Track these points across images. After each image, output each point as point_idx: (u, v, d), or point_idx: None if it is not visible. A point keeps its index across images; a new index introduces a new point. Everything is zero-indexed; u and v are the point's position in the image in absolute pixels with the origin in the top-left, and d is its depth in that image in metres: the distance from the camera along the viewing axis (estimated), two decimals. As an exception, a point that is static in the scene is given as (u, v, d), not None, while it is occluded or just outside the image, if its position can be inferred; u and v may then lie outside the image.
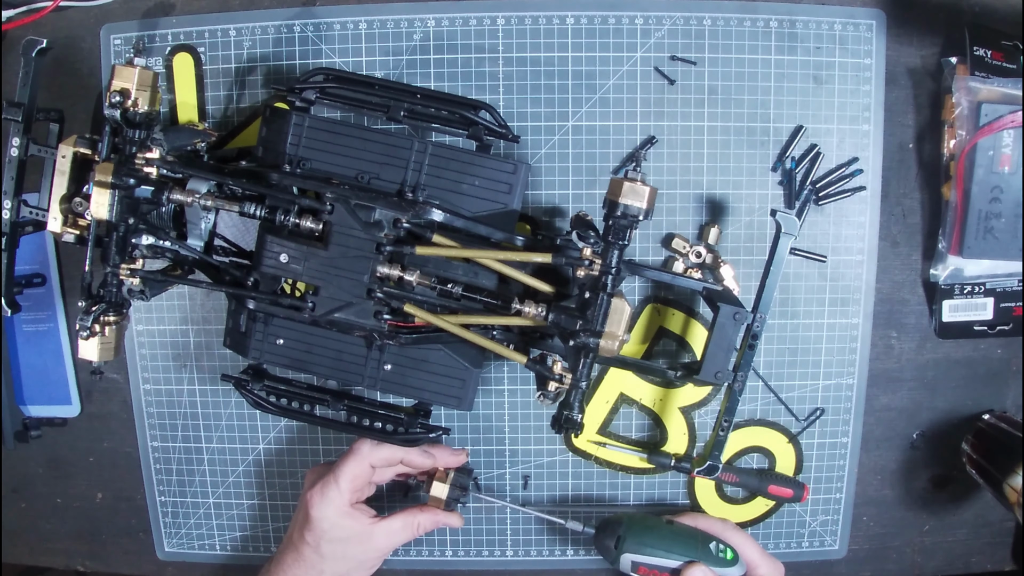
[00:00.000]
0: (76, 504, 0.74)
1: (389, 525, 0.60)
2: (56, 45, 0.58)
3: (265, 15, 0.64)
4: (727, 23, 0.63)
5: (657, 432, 0.67)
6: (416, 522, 0.61)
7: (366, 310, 0.54)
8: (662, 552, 0.59)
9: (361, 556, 0.60)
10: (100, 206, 0.53)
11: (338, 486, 0.58)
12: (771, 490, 0.65)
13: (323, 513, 0.58)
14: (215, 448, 0.70)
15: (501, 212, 0.55)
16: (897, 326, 0.67)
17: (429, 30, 0.63)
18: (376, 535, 0.60)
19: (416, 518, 0.61)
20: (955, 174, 0.61)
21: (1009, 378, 0.68)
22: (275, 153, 0.55)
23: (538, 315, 0.53)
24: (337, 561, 0.59)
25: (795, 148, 0.64)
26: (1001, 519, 0.70)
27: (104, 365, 0.70)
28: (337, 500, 0.58)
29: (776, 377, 0.67)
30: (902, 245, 0.66)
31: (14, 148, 0.57)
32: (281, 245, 0.54)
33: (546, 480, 0.68)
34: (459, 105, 0.57)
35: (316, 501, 0.58)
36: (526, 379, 0.67)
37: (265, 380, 0.61)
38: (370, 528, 0.59)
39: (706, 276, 0.64)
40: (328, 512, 0.58)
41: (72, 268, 0.70)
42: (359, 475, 0.59)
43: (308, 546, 0.59)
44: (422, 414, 0.63)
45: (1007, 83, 0.60)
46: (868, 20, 0.63)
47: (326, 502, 0.58)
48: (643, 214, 0.51)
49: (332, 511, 0.58)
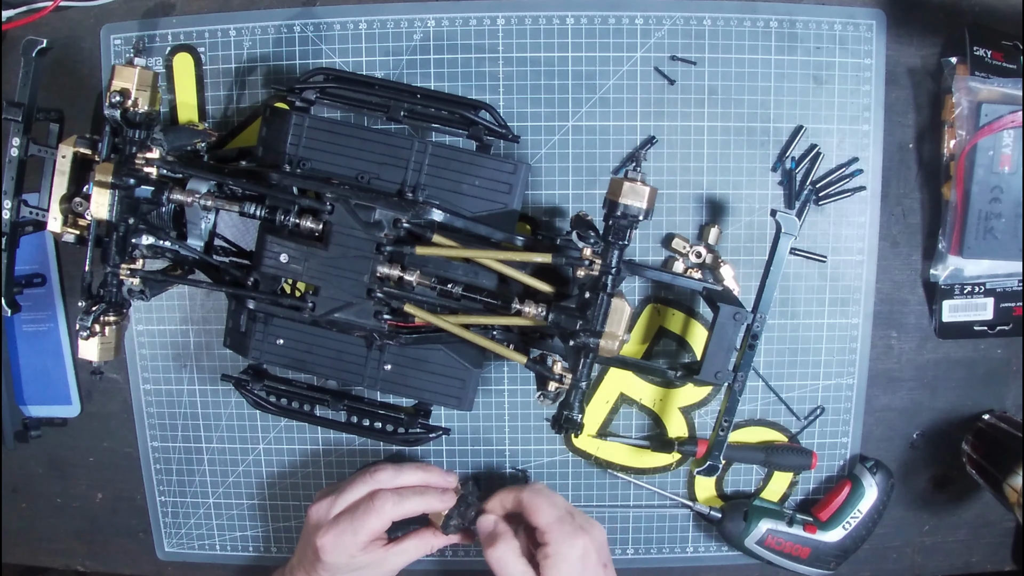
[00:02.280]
0: (76, 504, 0.74)
1: (402, 547, 0.60)
2: (56, 45, 0.58)
3: (265, 15, 0.64)
4: (727, 23, 0.63)
5: (657, 432, 0.67)
6: (429, 544, 0.61)
7: (366, 310, 0.54)
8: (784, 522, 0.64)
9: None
10: (100, 206, 0.53)
11: (355, 538, 0.57)
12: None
13: (338, 559, 0.57)
14: (215, 448, 0.70)
15: (501, 212, 0.55)
16: (897, 326, 0.67)
17: (429, 30, 0.63)
18: (389, 559, 0.60)
19: (428, 542, 0.61)
20: (955, 174, 0.61)
21: (1009, 378, 0.68)
22: (275, 153, 0.55)
23: (538, 315, 0.53)
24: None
25: (795, 148, 0.64)
26: (1001, 519, 0.70)
27: (104, 365, 0.69)
28: (352, 549, 0.57)
29: (776, 377, 0.67)
30: (902, 245, 0.66)
31: (14, 148, 0.57)
32: (281, 245, 0.54)
33: (546, 480, 0.68)
34: (459, 105, 0.57)
35: (330, 549, 0.57)
36: (526, 379, 0.67)
37: (265, 380, 0.61)
38: (384, 555, 0.59)
39: (706, 276, 0.64)
40: (340, 556, 0.57)
41: (72, 268, 0.70)
42: (378, 530, 0.58)
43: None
44: (422, 414, 0.63)
45: (1007, 83, 0.60)
46: (868, 20, 0.63)
47: (341, 550, 0.57)
48: (643, 214, 0.51)
49: (345, 555, 0.57)
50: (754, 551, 0.64)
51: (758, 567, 0.69)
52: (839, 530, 0.64)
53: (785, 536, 0.64)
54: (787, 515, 0.65)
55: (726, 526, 0.65)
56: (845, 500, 0.65)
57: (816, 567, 0.64)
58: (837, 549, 0.64)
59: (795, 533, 0.64)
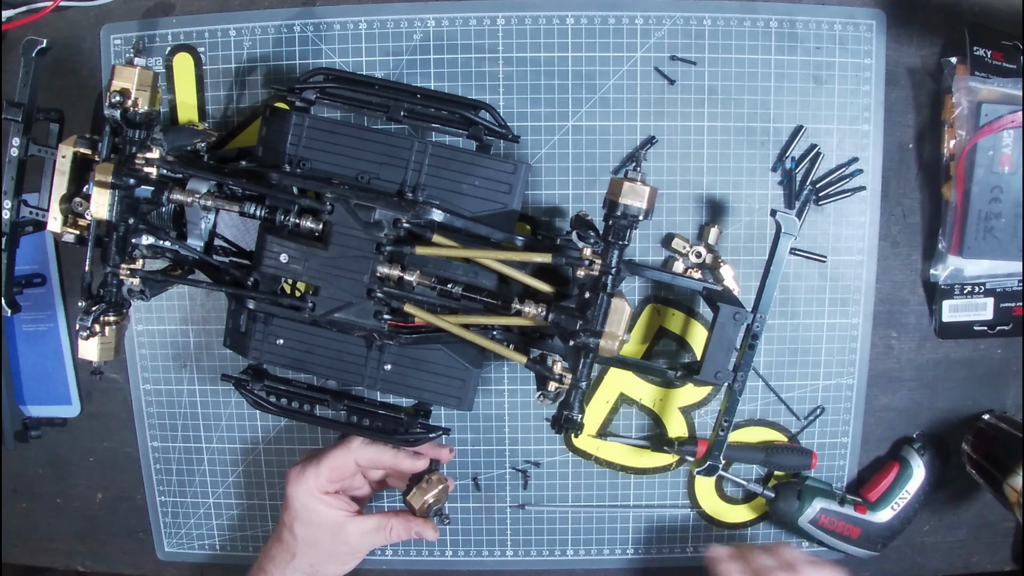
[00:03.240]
0: (76, 504, 0.74)
1: (362, 523, 0.60)
2: (56, 45, 0.58)
3: (265, 15, 0.64)
4: (727, 23, 0.63)
5: (657, 432, 0.67)
6: (389, 525, 0.61)
7: (366, 310, 0.54)
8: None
9: (331, 547, 0.60)
10: (100, 206, 0.53)
11: (317, 468, 0.59)
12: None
13: (296, 491, 0.59)
14: (215, 448, 0.70)
15: (501, 212, 0.55)
16: (897, 326, 0.67)
17: (429, 30, 0.63)
18: (348, 529, 0.60)
19: (390, 521, 0.61)
20: (955, 174, 0.61)
21: (1009, 378, 0.68)
22: (275, 153, 0.55)
23: (538, 315, 0.53)
24: (308, 547, 0.60)
25: (795, 148, 0.64)
26: (1001, 519, 0.70)
27: (104, 365, 0.69)
28: (312, 482, 0.59)
29: (776, 377, 0.67)
30: (902, 245, 0.66)
31: (14, 148, 0.57)
32: (281, 245, 0.54)
33: (546, 480, 0.68)
34: (459, 105, 0.57)
35: (293, 479, 0.59)
36: (526, 379, 0.67)
37: (265, 380, 0.61)
38: (343, 520, 0.60)
39: (706, 276, 0.64)
40: (300, 491, 0.59)
41: (72, 268, 0.70)
42: (341, 466, 0.59)
43: (284, 526, 0.60)
44: (422, 414, 0.63)
45: (1007, 83, 0.60)
46: (868, 20, 0.63)
47: (301, 481, 0.59)
48: (643, 214, 0.51)
49: (304, 491, 0.59)
50: (807, 530, 0.64)
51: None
52: (888, 511, 0.64)
53: (837, 516, 0.64)
54: (838, 495, 0.65)
55: (779, 505, 0.65)
56: (893, 481, 0.65)
57: (865, 548, 0.65)
58: (886, 530, 0.64)
59: (847, 513, 0.64)
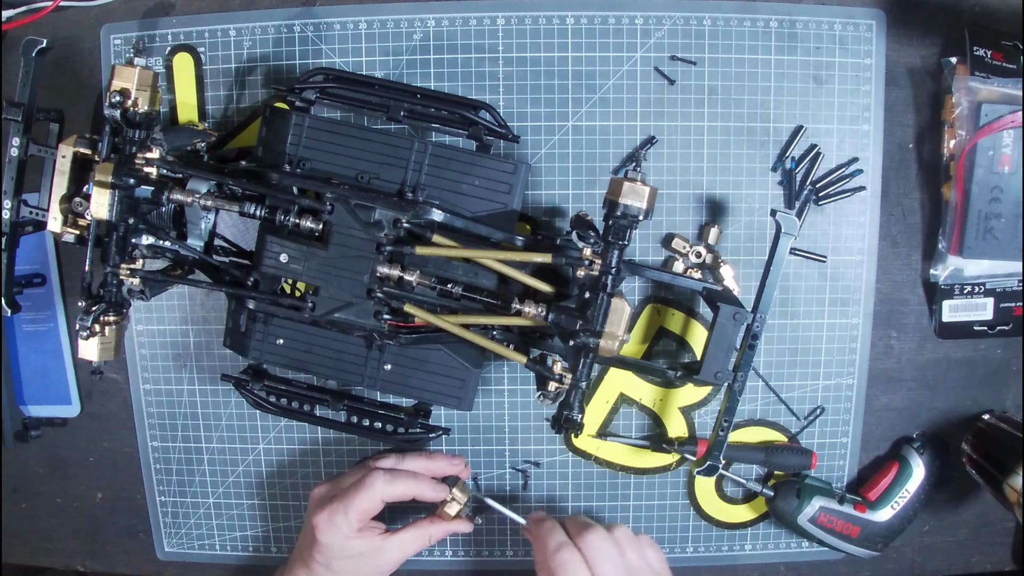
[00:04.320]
0: (76, 504, 0.74)
1: (399, 539, 0.60)
2: (56, 45, 0.58)
3: (265, 15, 0.64)
4: (727, 23, 0.63)
5: (657, 432, 0.67)
6: (427, 534, 0.61)
7: (366, 310, 0.54)
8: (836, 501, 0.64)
9: (373, 570, 0.60)
10: (100, 206, 0.53)
11: (347, 517, 0.57)
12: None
13: (331, 539, 0.58)
14: (215, 448, 0.70)
15: (501, 212, 0.55)
16: (897, 326, 0.67)
17: (429, 30, 0.63)
18: (387, 549, 0.60)
19: (427, 530, 0.61)
20: (955, 174, 0.61)
21: (1009, 378, 0.68)
22: (275, 153, 0.55)
23: (538, 315, 0.53)
24: (350, 574, 0.59)
25: (795, 148, 0.64)
26: (1001, 519, 0.70)
27: (104, 365, 0.69)
28: (345, 529, 0.58)
29: (776, 377, 0.67)
30: (902, 245, 0.66)
31: (14, 148, 0.57)
32: (281, 245, 0.54)
33: (546, 480, 0.68)
34: (459, 105, 0.57)
35: (323, 527, 0.58)
36: (526, 379, 0.67)
37: (265, 380, 0.61)
38: (380, 544, 0.59)
39: (706, 276, 0.64)
40: (336, 539, 0.58)
41: (72, 268, 0.70)
42: (369, 509, 0.58)
43: (319, 564, 0.59)
44: (422, 414, 0.63)
45: (1007, 83, 0.60)
46: (868, 20, 0.63)
47: (333, 529, 0.58)
48: (643, 214, 0.51)
49: (339, 538, 0.58)
50: (807, 529, 0.64)
51: (757, 567, 0.69)
52: (887, 510, 0.64)
53: (837, 514, 0.64)
54: (838, 494, 0.65)
55: (779, 503, 0.65)
56: (893, 480, 0.65)
57: (865, 547, 0.65)
58: (886, 529, 0.64)
59: (846, 512, 0.64)
